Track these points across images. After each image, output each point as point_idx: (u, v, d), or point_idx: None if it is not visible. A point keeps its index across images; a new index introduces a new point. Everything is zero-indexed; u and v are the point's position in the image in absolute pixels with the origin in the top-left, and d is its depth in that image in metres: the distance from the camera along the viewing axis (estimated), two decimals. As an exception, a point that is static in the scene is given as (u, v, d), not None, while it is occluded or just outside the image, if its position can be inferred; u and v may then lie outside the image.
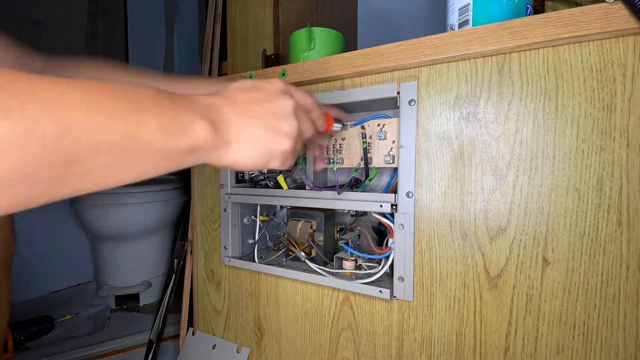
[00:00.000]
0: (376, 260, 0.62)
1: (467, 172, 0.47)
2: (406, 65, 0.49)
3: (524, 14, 0.49)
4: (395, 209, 0.52)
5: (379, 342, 0.55)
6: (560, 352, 0.42)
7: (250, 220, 0.75)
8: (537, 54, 0.42)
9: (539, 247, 0.43)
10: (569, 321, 0.42)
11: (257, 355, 0.69)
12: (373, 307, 0.55)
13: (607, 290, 0.40)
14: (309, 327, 0.62)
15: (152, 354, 0.80)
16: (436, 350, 0.50)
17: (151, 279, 1.32)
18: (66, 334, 1.06)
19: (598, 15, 0.37)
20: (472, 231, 0.47)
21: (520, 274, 0.44)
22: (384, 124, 0.56)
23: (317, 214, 0.66)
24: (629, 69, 0.38)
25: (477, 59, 0.45)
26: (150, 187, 1.24)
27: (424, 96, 0.49)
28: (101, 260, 1.29)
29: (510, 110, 0.44)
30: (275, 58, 0.82)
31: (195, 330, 0.76)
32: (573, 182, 0.41)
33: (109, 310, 1.24)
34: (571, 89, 0.41)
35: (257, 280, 0.68)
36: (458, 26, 0.51)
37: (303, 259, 0.63)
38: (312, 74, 0.57)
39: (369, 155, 0.58)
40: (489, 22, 0.45)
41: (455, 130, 0.47)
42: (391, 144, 0.56)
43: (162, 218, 1.28)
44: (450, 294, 0.49)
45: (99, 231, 1.23)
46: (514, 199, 0.44)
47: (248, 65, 0.99)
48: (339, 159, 0.61)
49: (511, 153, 0.44)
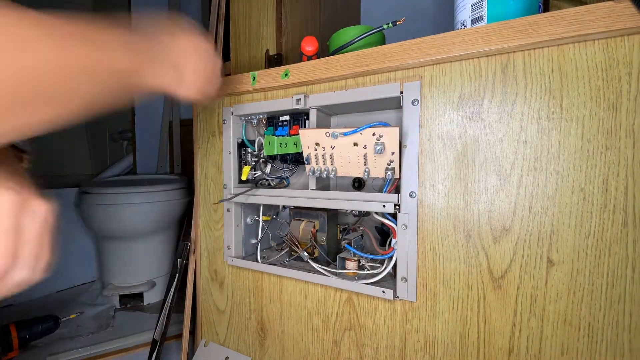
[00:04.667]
0: (379, 261, 0.62)
1: (471, 172, 0.46)
2: (409, 64, 0.49)
3: (536, 11, 0.48)
4: (398, 209, 0.51)
5: (382, 343, 0.55)
6: (565, 354, 0.42)
7: (253, 220, 0.75)
8: (541, 53, 0.42)
9: (543, 247, 0.43)
10: (574, 322, 0.42)
11: (260, 355, 0.69)
12: (376, 307, 0.55)
13: (613, 291, 0.39)
14: (312, 327, 0.62)
15: (155, 353, 0.80)
16: (439, 351, 0.50)
17: (155, 279, 1.33)
18: (71, 333, 1.06)
19: (603, 13, 0.37)
20: (476, 231, 0.46)
21: (525, 275, 0.44)
22: (380, 135, 0.49)
23: (320, 214, 0.66)
24: (634, 67, 0.38)
25: (480, 58, 0.45)
26: (154, 187, 1.24)
27: (427, 96, 0.49)
28: (105, 259, 1.29)
29: (514, 110, 0.44)
30: (278, 58, 0.82)
31: (208, 341, 0.76)
32: (578, 182, 0.41)
33: (113, 310, 1.24)
34: (576, 88, 0.40)
35: (260, 280, 0.68)
36: (471, 23, 0.50)
37: (306, 259, 0.63)
38: (315, 74, 0.57)
39: (365, 166, 0.53)
40: (504, 18, 0.45)
41: (459, 130, 0.47)
42: (390, 155, 0.50)
43: (166, 218, 1.29)
44: (454, 295, 0.48)
45: (103, 231, 1.24)
46: (518, 199, 0.44)
47: (251, 66, 0.99)
48: (333, 169, 0.56)
49: (515, 153, 0.44)
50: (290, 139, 0.62)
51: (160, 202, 1.25)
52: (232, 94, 0.68)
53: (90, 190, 1.21)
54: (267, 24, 0.84)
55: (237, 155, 0.71)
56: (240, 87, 0.66)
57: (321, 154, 0.55)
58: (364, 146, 0.51)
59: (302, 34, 0.90)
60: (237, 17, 0.89)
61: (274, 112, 0.65)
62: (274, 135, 0.65)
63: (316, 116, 0.60)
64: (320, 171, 0.56)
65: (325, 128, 0.52)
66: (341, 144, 0.52)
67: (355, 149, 0.51)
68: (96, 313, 1.21)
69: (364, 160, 0.52)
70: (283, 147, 0.63)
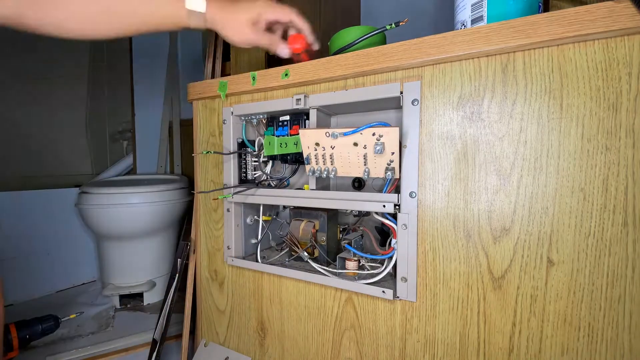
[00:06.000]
0: (379, 261, 0.62)
1: (471, 172, 0.46)
2: (409, 64, 0.49)
3: (536, 11, 0.48)
4: (399, 209, 0.51)
5: (382, 343, 0.55)
6: (565, 354, 0.42)
7: (253, 220, 0.75)
8: (541, 53, 0.42)
9: (543, 247, 0.43)
10: (574, 322, 0.42)
11: (260, 355, 0.69)
12: (376, 307, 0.55)
13: (613, 291, 0.39)
14: (312, 327, 0.62)
15: (155, 353, 0.80)
16: (439, 351, 0.50)
17: (155, 279, 1.33)
18: (71, 333, 1.06)
19: (603, 13, 0.37)
20: (476, 231, 0.46)
21: (525, 275, 0.44)
22: (380, 135, 0.49)
23: (320, 214, 0.66)
24: (634, 67, 0.38)
25: (480, 58, 0.45)
26: (154, 187, 1.24)
27: (427, 96, 0.49)
28: (106, 259, 1.29)
29: (514, 110, 0.44)
30: (278, 58, 0.82)
31: (208, 341, 0.76)
32: (578, 182, 0.41)
33: (113, 310, 1.24)
34: (576, 88, 0.40)
35: (260, 280, 0.68)
36: (471, 23, 0.50)
37: (306, 259, 0.63)
38: (315, 74, 0.57)
39: (365, 166, 0.53)
40: (504, 18, 0.45)
41: (459, 130, 0.47)
42: (390, 155, 0.50)
43: (166, 218, 1.29)
44: (454, 295, 0.48)
45: (103, 231, 1.23)
46: (518, 199, 0.44)
47: (251, 66, 0.99)
48: (333, 169, 0.56)
49: (515, 153, 0.44)
50: (290, 139, 0.62)
51: (160, 202, 1.25)
52: (232, 94, 0.68)
53: (90, 190, 1.21)
54: (267, 24, 0.83)
55: (237, 156, 0.71)
56: (240, 87, 0.66)
57: (321, 154, 0.55)
58: (364, 146, 0.51)
59: (302, 34, 0.90)
60: (237, 17, 0.89)
61: (274, 112, 0.65)
62: (274, 135, 0.65)
63: (316, 116, 0.60)
64: (320, 171, 0.56)
65: (325, 128, 0.52)
66: (341, 144, 0.52)
67: (355, 149, 0.51)
68: (96, 313, 1.21)
69: (364, 160, 0.52)
70: (283, 147, 0.63)
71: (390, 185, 0.55)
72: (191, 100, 0.75)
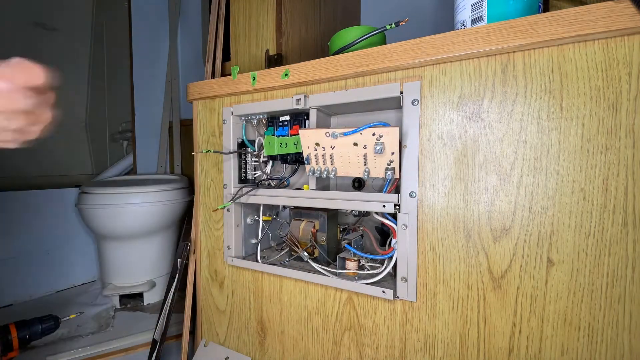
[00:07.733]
0: (379, 261, 0.62)
1: (471, 172, 0.46)
2: (409, 64, 0.49)
3: (536, 11, 0.48)
4: (399, 209, 0.51)
5: (382, 343, 0.55)
6: (565, 354, 0.42)
7: (253, 220, 0.75)
8: (541, 53, 0.42)
9: (543, 247, 0.43)
10: (574, 322, 0.42)
11: (260, 355, 0.69)
12: (376, 307, 0.55)
13: (613, 291, 0.39)
14: (312, 327, 0.62)
15: (155, 353, 0.80)
16: (439, 351, 0.50)
17: (155, 279, 1.33)
18: (71, 333, 1.06)
19: (603, 13, 0.37)
20: (476, 231, 0.46)
21: (525, 275, 0.44)
22: (380, 135, 0.49)
23: (320, 214, 0.66)
24: (634, 67, 0.38)
25: (480, 58, 0.45)
26: (154, 187, 1.24)
27: (427, 96, 0.49)
28: (106, 259, 1.29)
29: (514, 110, 0.44)
30: (278, 58, 0.82)
31: (208, 341, 0.76)
32: (578, 182, 0.41)
33: (113, 310, 1.24)
34: (576, 88, 0.40)
35: (260, 280, 0.68)
36: (471, 23, 0.50)
37: (306, 259, 0.63)
38: (315, 74, 0.57)
39: (365, 166, 0.53)
40: (504, 18, 0.45)
41: (459, 130, 0.47)
42: (390, 155, 0.50)
43: (166, 218, 1.29)
44: (454, 295, 0.48)
45: (103, 231, 1.23)
46: (518, 199, 0.44)
47: (251, 66, 0.99)
48: (333, 169, 0.56)
49: (515, 153, 0.44)
50: (290, 139, 0.62)
51: (160, 202, 1.25)
52: (232, 94, 0.68)
53: (90, 190, 1.21)
54: (267, 24, 0.84)
55: (237, 155, 0.71)
56: (240, 87, 0.66)
57: (321, 154, 0.55)
58: (364, 146, 0.51)
59: (302, 34, 0.90)
60: (237, 17, 0.89)
61: (274, 112, 0.65)
62: (274, 135, 0.65)
63: (316, 116, 0.60)
64: (320, 171, 0.56)
65: (325, 128, 0.52)
66: (341, 144, 0.52)
67: (355, 149, 0.51)
68: (96, 313, 1.21)
69: (364, 160, 0.52)
70: (283, 147, 0.63)
71: (390, 185, 0.55)
72: (191, 100, 0.75)
